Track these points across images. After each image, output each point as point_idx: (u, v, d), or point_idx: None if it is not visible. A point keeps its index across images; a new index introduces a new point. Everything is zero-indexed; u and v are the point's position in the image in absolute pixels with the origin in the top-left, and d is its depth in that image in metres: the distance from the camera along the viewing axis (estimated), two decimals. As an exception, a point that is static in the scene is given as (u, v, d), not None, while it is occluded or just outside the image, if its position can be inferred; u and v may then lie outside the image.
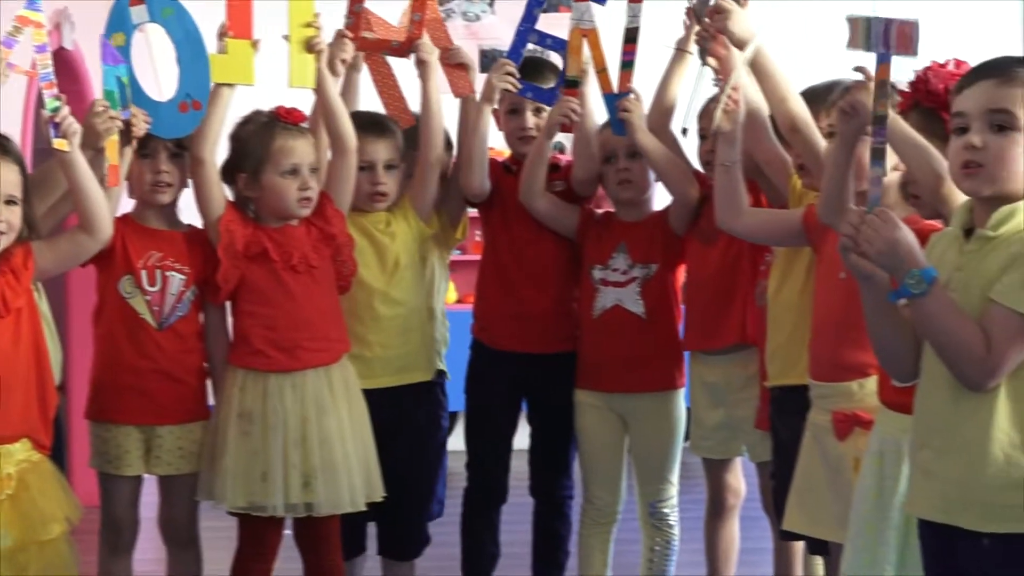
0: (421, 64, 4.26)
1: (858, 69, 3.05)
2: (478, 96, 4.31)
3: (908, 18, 2.73)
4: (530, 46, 4.30)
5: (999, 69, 2.79)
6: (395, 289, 4.23)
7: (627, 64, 4.17)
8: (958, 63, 3.29)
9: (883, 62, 2.77)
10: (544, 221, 4.35)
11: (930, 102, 3.22)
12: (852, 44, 2.80)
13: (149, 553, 4.44)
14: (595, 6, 4.17)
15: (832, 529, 3.52)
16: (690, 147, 4.28)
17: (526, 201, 4.32)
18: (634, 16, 4.13)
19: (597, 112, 4.29)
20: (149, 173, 3.95)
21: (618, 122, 4.19)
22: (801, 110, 3.66)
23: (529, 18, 4.27)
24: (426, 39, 4.27)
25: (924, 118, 3.16)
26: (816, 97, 3.73)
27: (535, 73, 4.36)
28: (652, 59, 4.28)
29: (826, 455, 3.53)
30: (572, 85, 4.22)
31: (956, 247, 2.82)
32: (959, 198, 2.90)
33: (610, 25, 4.22)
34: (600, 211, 4.43)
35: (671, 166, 4.22)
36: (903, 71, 3.23)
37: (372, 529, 4.35)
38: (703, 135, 4.26)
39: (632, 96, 4.18)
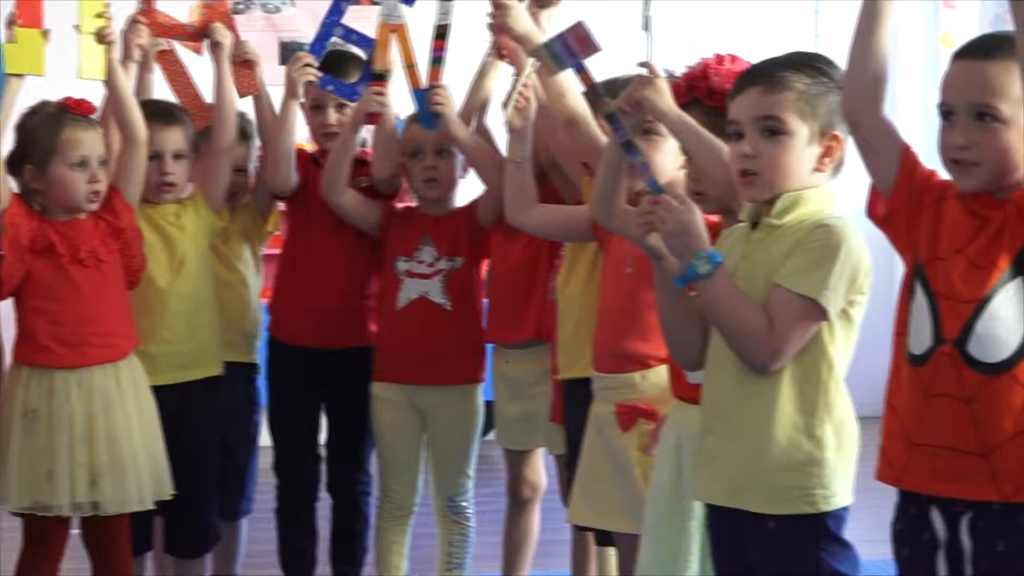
0: (215, 47, 4.22)
1: (643, 65, 3.08)
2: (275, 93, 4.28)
3: (573, 24, 2.81)
4: (334, 39, 4.29)
5: (765, 75, 2.86)
6: (182, 284, 4.16)
7: (437, 60, 4.15)
8: (733, 59, 3.32)
9: (581, 71, 2.85)
10: (346, 217, 4.32)
11: (713, 101, 3.25)
12: (550, 72, 2.89)
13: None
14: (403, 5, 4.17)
15: (617, 520, 3.54)
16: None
17: (328, 196, 4.28)
18: (445, 13, 4.13)
19: (400, 110, 4.29)
20: (-70, 164, 3.85)
21: (428, 117, 4.17)
22: (579, 106, 3.68)
23: (336, 11, 4.25)
24: (220, 24, 4.23)
25: (708, 116, 3.19)
26: (596, 93, 3.76)
27: (338, 67, 4.33)
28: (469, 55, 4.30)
29: (609, 447, 3.56)
30: (379, 79, 4.20)
31: (744, 238, 2.88)
32: None
33: (421, 21, 4.21)
34: (401, 205, 4.42)
35: (485, 158, 4.21)
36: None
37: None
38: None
39: (443, 89, 4.18)
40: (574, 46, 2.86)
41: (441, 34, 4.14)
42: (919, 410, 2.56)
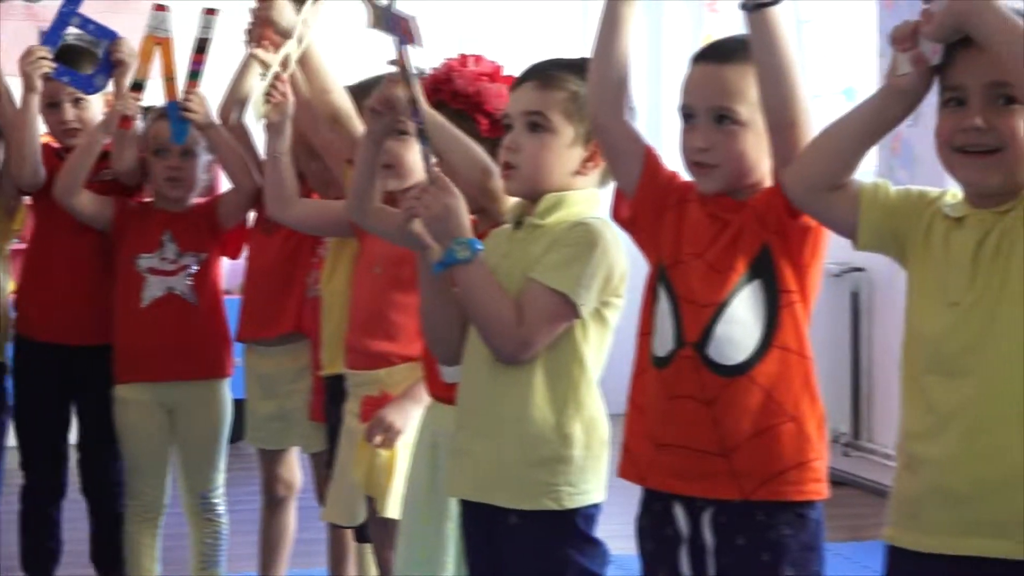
0: None
1: (392, 63, 3.07)
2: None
3: (406, 14, 2.81)
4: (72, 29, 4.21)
5: (542, 72, 2.88)
6: None
7: (194, 74, 4.14)
8: (478, 59, 3.33)
9: (403, 47, 2.84)
10: (79, 217, 4.24)
11: (458, 104, 3.26)
12: (373, 24, 2.87)
13: None
14: (171, 16, 4.12)
15: (351, 514, 3.56)
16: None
17: (62, 198, 4.19)
18: (206, 27, 4.11)
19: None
20: None
21: (180, 131, 4.14)
22: (343, 103, 3.67)
23: (72, 1, 4.17)
24: None
25: (453, 118, 3.20)
26: (363, 91, 3.75)
27: (73, 59, 4.26)
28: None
29: (353, 442, 3.57)
30: (136, 87, 4.17)
31: (507, 237, 2.90)
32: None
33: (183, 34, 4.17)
34: (135, 202, 4.35)
35: (234, 157, 4.19)
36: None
37: None
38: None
39: (196, 96, 4.13)
40: (399, 29, 2.84)
41: (201, 48, 4.12)
42: (663, 411, 2.59)
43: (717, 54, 2.65)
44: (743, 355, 2.54)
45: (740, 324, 2.55)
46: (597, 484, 2.82)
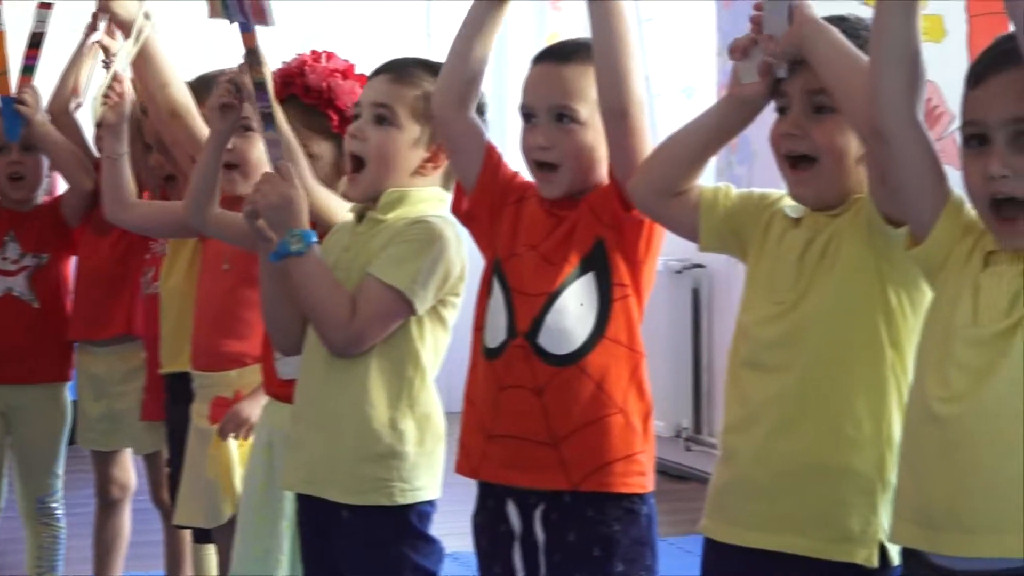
0: None
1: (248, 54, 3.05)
2: None
3: None
4: None
5: (398, 68, 2.89)
6: None
7: (28, 69, 4.06)
8: (330, 56, 3.32)
9: (246, 31, 2.82)
10: None
11: (310, 99, 3.25)
12: (213, 14, 2.84)
13: None
14: (3, 9, 4.02)
15: (208, 516, 3.51)
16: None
17: None
18: (41, 21, 4.03)
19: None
20: None
21: (13, 126, 4.06)
22: (183, 97, 3.63)
23: None
24: None
25: (303, 113, 3.19)
26: (205, 84, 3.73)
27: None
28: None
29: (206, 443, 3.53)
30: None
31: (349, 231, 2.89)
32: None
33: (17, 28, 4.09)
34: None
35: (67, 155, 4.14)
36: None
37: None
38: (98, 124, 4.18)
39: (29, 91, 4.06)
40: (249, 8, 2.80)
41: (36, 42, 4.05)
42: (494, 402, 2.60)
43: (557, 54, 2.67)
44: (573, 345, 2.56)
45: (571, 314, 2.56)
46: (431, 481, 2.82)
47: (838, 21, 2.32)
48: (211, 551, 4.05)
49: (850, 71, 2.20)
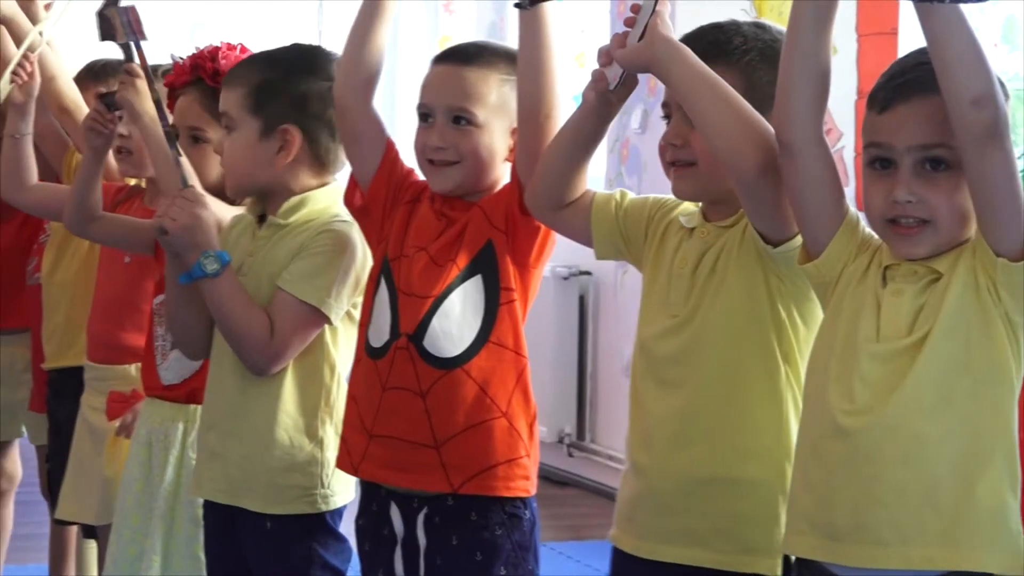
0: None
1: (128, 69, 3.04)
2: None
3: (131, 6, 2.79)
4: None
5: (226, 77, 2.90)
6: None
7: None
8: (244, 49, 3.32)
9: (138, 48, 2.82)
10: None
11: (215, 84, 3.23)
12: (103, 37, 2.84)
13: None
14: None
15: (99, 513, 3.50)
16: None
17: None
18: None
19: None
20: None
21: None
22: (71, 92, 3.61)
23: None
24: None
25: (208, 98, 3.16)
26: (91, 74, 3.73)
27: None
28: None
29: (96, 437, 3.51)
30: None
31: (250, 233, 2.87)
32: None
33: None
34: None
35: None
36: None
37: None
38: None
39: None
40: (134, 25, 2.81)
41: None
42: (376, 401, 2.60)
43: (459, 56, 2.68)
44: (458, 349, 2.57)
45: (456, 318, 2.57)
46: (347, 484, 2.82)
47: (713, 29, 2.36)
48: (94, 546, 4.02)
49: (708, 99, 2.22)
